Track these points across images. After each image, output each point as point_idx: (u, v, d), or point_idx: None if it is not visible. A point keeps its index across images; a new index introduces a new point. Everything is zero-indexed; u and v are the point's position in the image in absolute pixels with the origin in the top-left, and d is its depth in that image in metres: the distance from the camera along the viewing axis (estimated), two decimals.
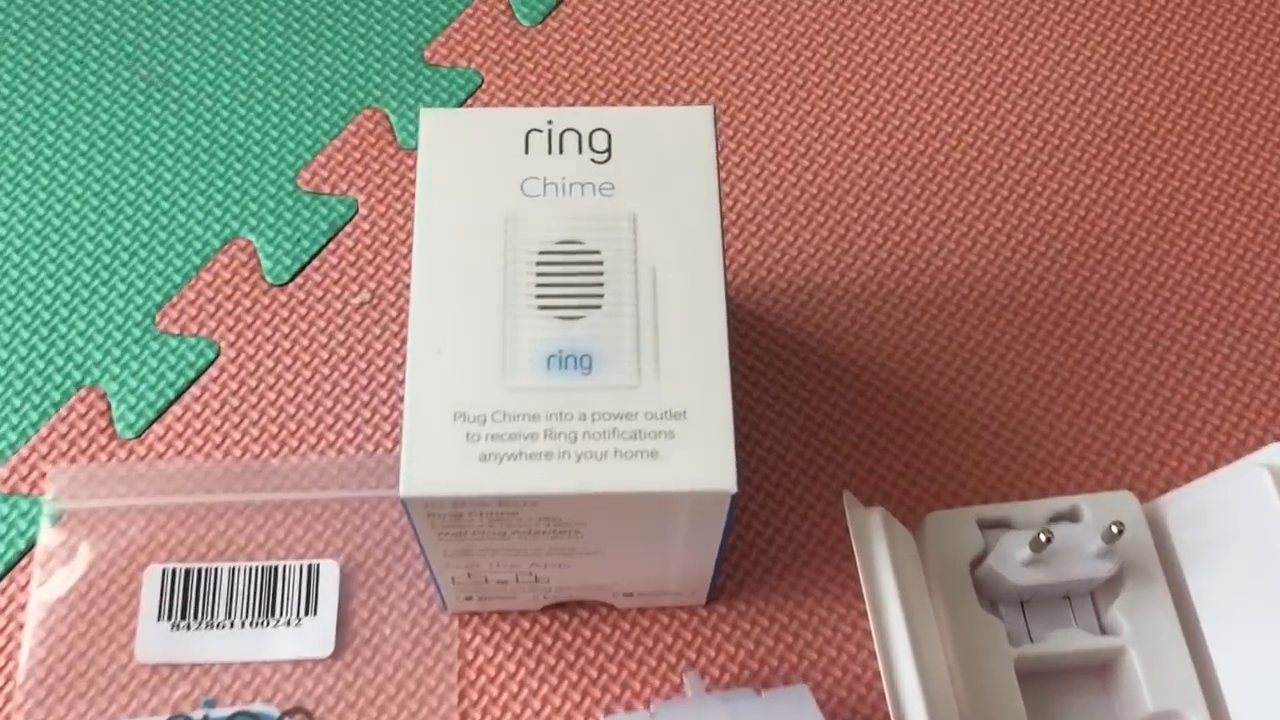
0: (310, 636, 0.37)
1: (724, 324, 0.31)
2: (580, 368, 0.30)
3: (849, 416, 0.40)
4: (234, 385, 0.41)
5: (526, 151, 0.32)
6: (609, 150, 0.32)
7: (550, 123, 0.33)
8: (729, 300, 0.30)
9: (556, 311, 0.31)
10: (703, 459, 0.29)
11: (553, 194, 0.32)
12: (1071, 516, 0.37)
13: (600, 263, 0.31)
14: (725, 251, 0.30)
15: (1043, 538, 0.34)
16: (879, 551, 0.34)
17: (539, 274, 0.31)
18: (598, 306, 0.31)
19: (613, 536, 0.32)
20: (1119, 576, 0.36)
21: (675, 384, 0.30)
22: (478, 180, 0.32)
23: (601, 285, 0.31)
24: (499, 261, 0.31)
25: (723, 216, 0.33)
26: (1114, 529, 0.34)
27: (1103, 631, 0.36)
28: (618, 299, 0.31)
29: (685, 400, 0.30)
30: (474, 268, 0.31)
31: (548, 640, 0.38)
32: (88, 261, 0.42)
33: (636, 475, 0.29)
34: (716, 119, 0.31)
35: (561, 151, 0.32)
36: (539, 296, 0.31)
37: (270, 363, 0.41)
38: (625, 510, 0.30)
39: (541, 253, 0.31)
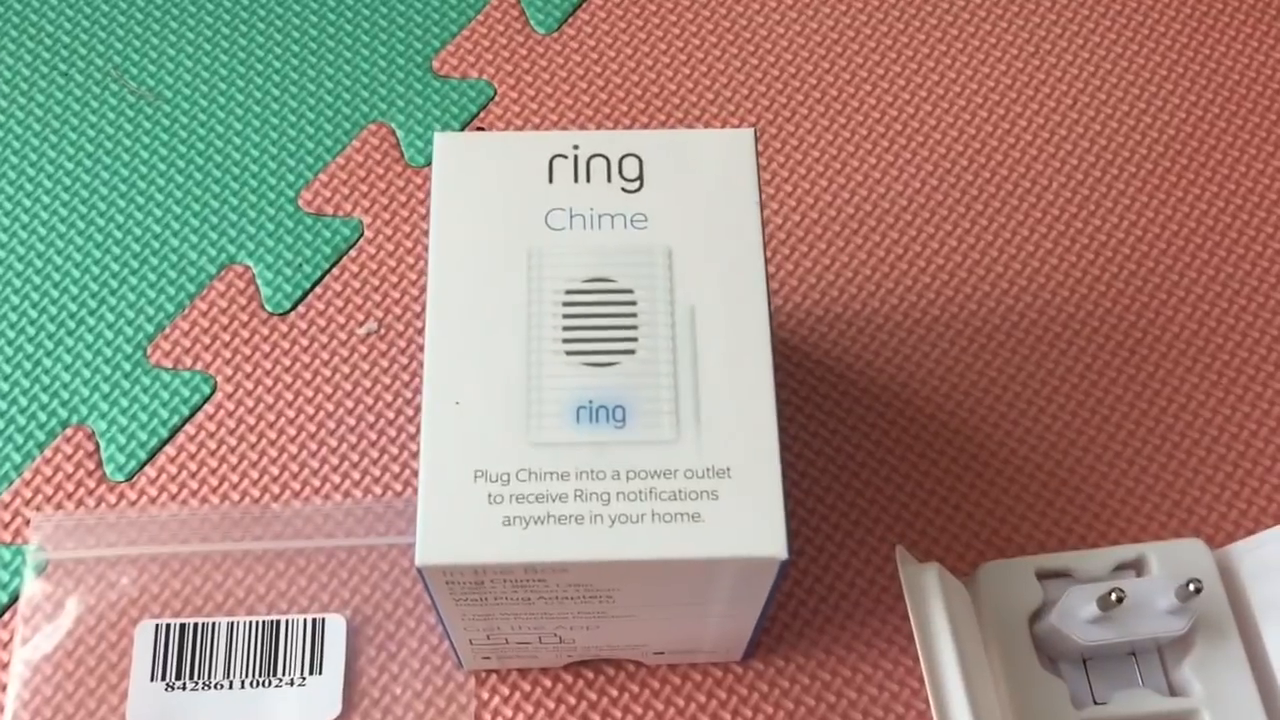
0: (316, 697, 0.35)
1: (770, 370, 0.28)
2: (613, 420, 0.27)
3: (893, 455, 0.38)
4: (231, 423, 0.38)
5: (550, 180, 0.29)
6: (640, 178, 0.30)
7: (576, 147, 0.30)
8: (776, 343, 0.27)
9: (585, 357, 0.28)
10: (750, 522, 0.26)
11: (580, 227, 0.29)
12: (1137, 567, 0.34)
13: (633, 303, 0.28)
14: (770, 287, 0.28)
15: (1114, 597, 0.31)
16: (935, 613, 0.31)
17: (566, 316, 0.28)
18: (631, 352, 0.28)
19: (648, 601, 0.29)
20: (1189, 632, 0.33)
21: (718, 438, 0.27)
22: (498, 212, 0.29)
23: (635, 328, 0.28)
24: (522, 302, 0.28)
25: (767, 249, 0.30)
26: (1191, 587, 0.31)
27: (1172, 692, 0.33)
28: (653, 343, 0.28)
29: (729, 456, 0.27)
30: (495, 310, 0.28)
31: (571, 700, 0.35)
32: (73, 290, 0.40)
33: (676, 541, 0.26)
34: (758, 142, 0.29)
35: (589, 180, 0.29)
36: (566, 341, 0.28)
37: (270, 399, 0.38)
38: (663, 576, 0.27)
39: (568, 292, 0.28)
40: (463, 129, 0.42)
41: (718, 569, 0.27)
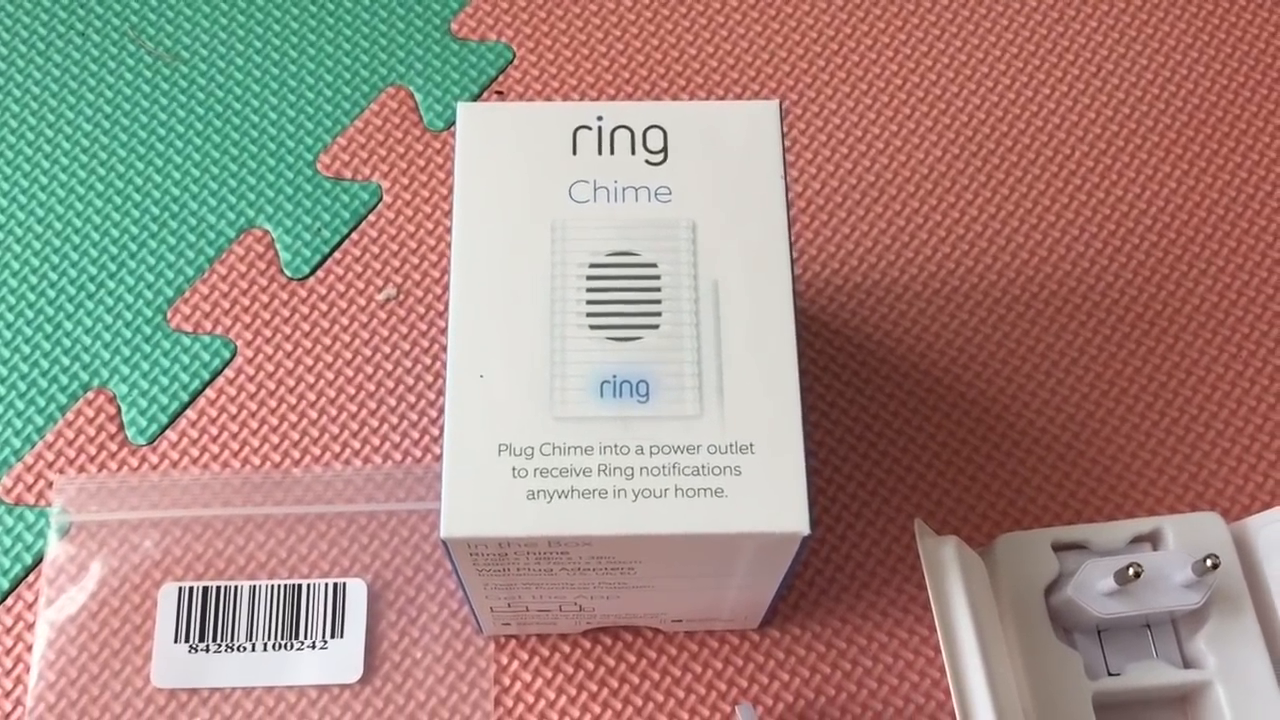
0: (336, 660, 0.35)
1: (793, 346, 0.28)
2: (636, 395, 0.27)
3: (910, 425, 0.38)
4: (251, 388, 0.38)
5: (574, 152, 0.29)
6: (665, 150, 0.29)
7: (600, 119, 0.30)
8: (798, 316, 0.27)
9: (609, 332, 0.28)
10: (772, 498, 0.27)
11: (603, 200, 0.29)
12: (1153, 539, 0.35)
13: (657, 277, 0.28)
14: (794, 262, 0.27)
15: (1131, 571, 0.31)
16: (953, 586, 0.31)
17: (589, 290, 0.28)
18: (655, 326, 0.28)
19: (669, 573, 0.29)
20: (1204, 605, 0.33)
21: (741, 413, 0.27)
22: (521, 184, 0.29)
23: (659, 302, 0.28)
24: (546, 275, 0.28)
25: (791, 224, 0.30)
26: (1208, 562, 0.31)
27: (1185, 664, 0.34)
28: (676, 318, 0.28)
29: (752, 432, 0.27)
30: (518, 283, 0.28)
31: (589, 665, 0.35)
32: (93, 253, 0.40)
33: (699, 516, 0.27)
34: (783, 114, 0.29)
35: (613, 152, 0.29)
36: (590, 315, 0.28)
37: (290, 363, 0.38)
38: (685, 550, 0.28)
39: (592, 265, 0.28)
40: (481, 92, 0.42)
41: (740, 543, 0.27)
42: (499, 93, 0.42)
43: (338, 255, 0.40)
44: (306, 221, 0.40)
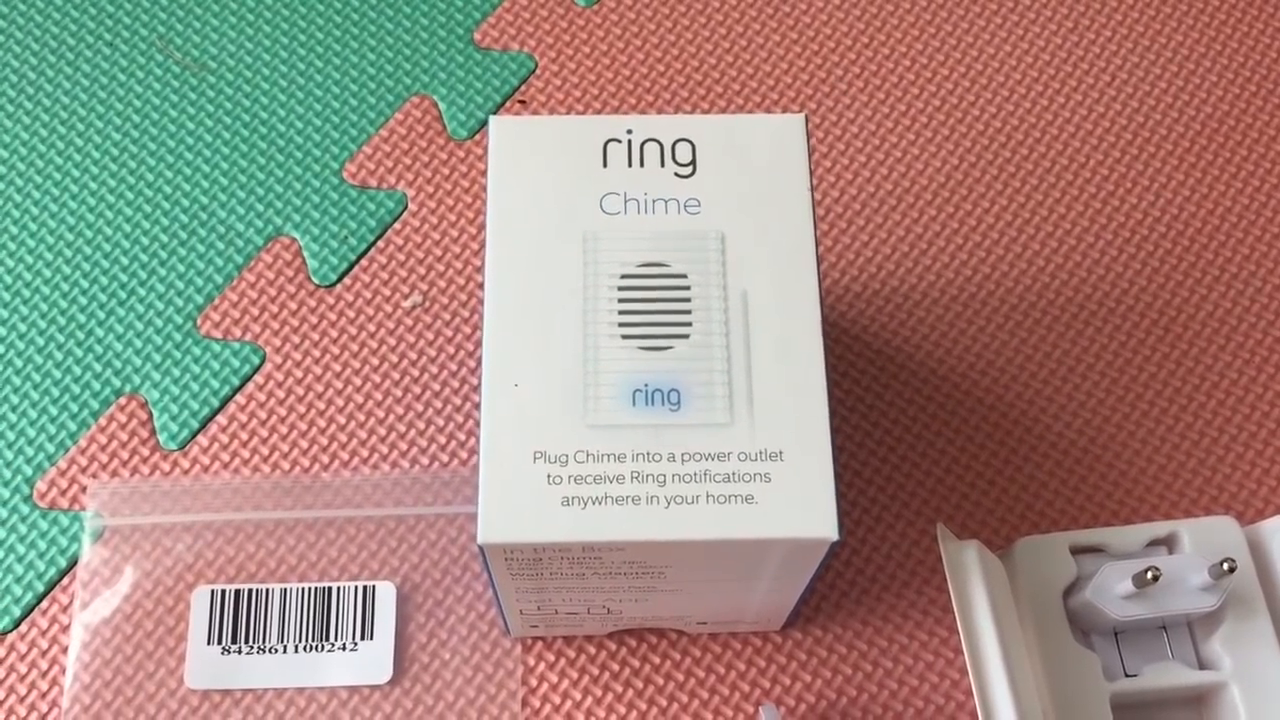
0: (367, 662, 0.36)
1: (821, 354, 0.28)
2: (668, 403, 0.28)
3: (930, 429, 0.38)
4: (280, 394, 0.39)
5: (605, 164, 0.30)
6: (693, 163, 0.30)
7: (630, 132, 0.30)
8: (826, 325, 0.28)
9: (640, 341, 0.28)
10: (802, 504, 0.27)
11: (634, 211, 0.30)
12: (1169, 543, 0.35)
13: (687, 287, 0.29)
14: (820, 272, 0.28)
15: (1149, 575, 0.32)
16: (975, 590, 0.32)
17: (621, 300, 0.29)
18: (685, 336, 0.28)
19: (698, 577, 0.30)
20: (1220, 607, 0.34)
21: (770, 421, 0.28)
22: (553, 196, 0.30)
23: (689, 313, 0.29)
24: (578, 286, 0.29)
25: (817, 235, 0.31)
26: (1224, 566, 0.32)
27: (1201, 665, 0.34)
28: (706, 327, 0.29)
29: (781, 439, 0.28)
30: (552, 293, 0.29)
31: (615, 667, 0.36)
32: (124, 261, 0.40)
33: (731, 521, 0.27)
34: (809, 127, 0.29)
35: (643, 164, 0.30)
36: (621, 325, 0.29)
37: (318, 369, 0.39)
38: (715, 555, 0.28)
39: (624, 276, 0.29)
40: (504, 102, 0.43)
41: (769, 549, 0.28)
42: (521, 102, 0.43)
43: (364, 263, 0.40)
44: (333, 229, 0.41)
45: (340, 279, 0.40)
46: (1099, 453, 0.38)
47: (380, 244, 0.41)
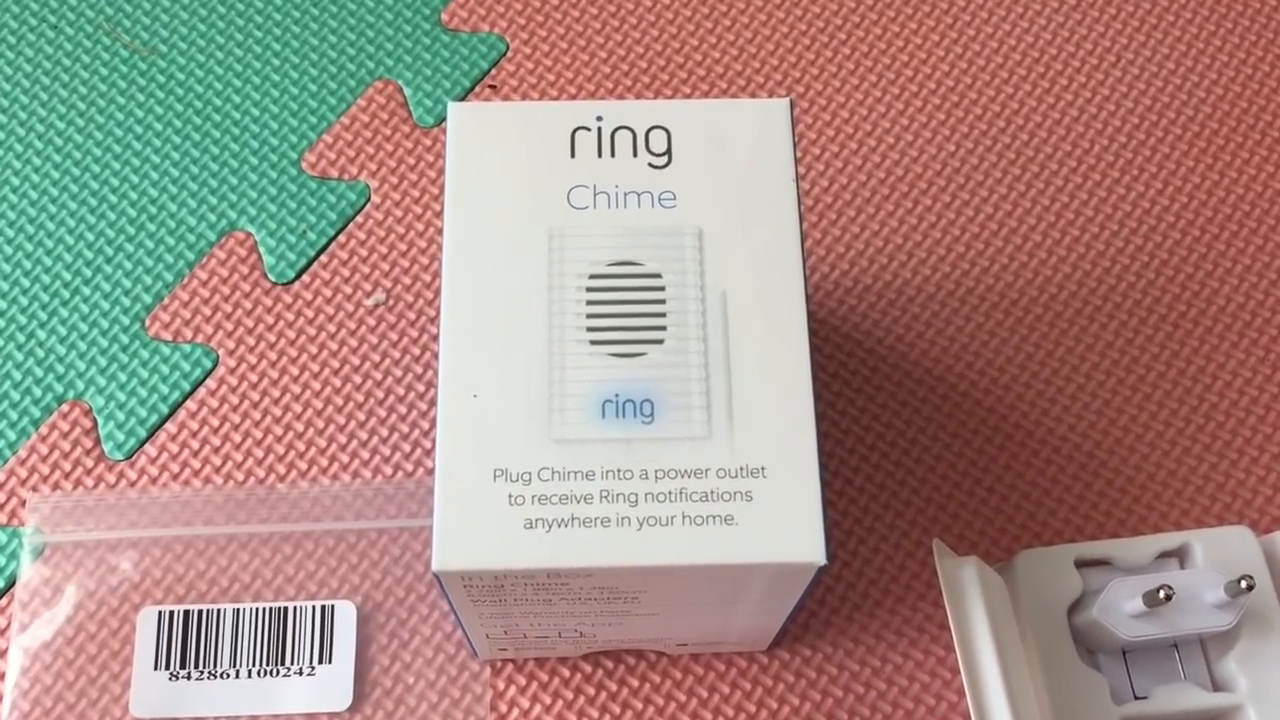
0: (325, 687, 0.33)
1: (808, 360, 0.26)
2: (640, 415, 0.26)
3: (925, 434, 0.36)
4: (234, 399, 0.36)
5: (573, 154, 0.28)
6: (669, 152, 0.28)
7: (600, 119, 0.28)
8: (813, 325, 0.26)
9: (611, 347, 0.26)
10: (785, 526, 0.25)
11: (604, 205, 0.27)
12: (1181, 555, 0.33)
13: (662, 288, 0.27)
14: (807, 271, 0.26)
15: (1161, 594, 0.30)
16: (974, 611, 0.30)
17: (590, 302, 0.26)
18: (659, 341, 0.26)
19: (674, 602, 0.28)
20: (1235, 625, 0.32)
21: (752, 435, 0.26)
22: (516, 189, 0.27)
23: (663, 315, 0.26)
24: (543, 287, 0.27)
25: (803, 229, 0.28)
26: (1242, 583, 0.30)
27: (1215, 686, 0.32)
28: (682, 332, 0.26)
29: (764, 454, 0.25)
30: (514, 296, 0.26)
31: (590, 691, 0.34)
32: (67, 258, 0.38)
33: (708, 545, 0.25)
34: (794, 113, 0.27)
35: (614, 154, 0.28)
36: (590, 329, 0.26)
37: (274, 373, 0.37)
38: (692, 580, 0.26)
39: (592, 276, 0.27)
40: (473, 86, 0.40)
41: (752, 574, 0.26)
42: (492, 86, 0.40)
43: (324, 259, 0.38)
44: (291, 223, 0.38)
45: (298, 276, 0.38)
46: (1105, 458, 0.36)
47: (341, 239, 0.38)
